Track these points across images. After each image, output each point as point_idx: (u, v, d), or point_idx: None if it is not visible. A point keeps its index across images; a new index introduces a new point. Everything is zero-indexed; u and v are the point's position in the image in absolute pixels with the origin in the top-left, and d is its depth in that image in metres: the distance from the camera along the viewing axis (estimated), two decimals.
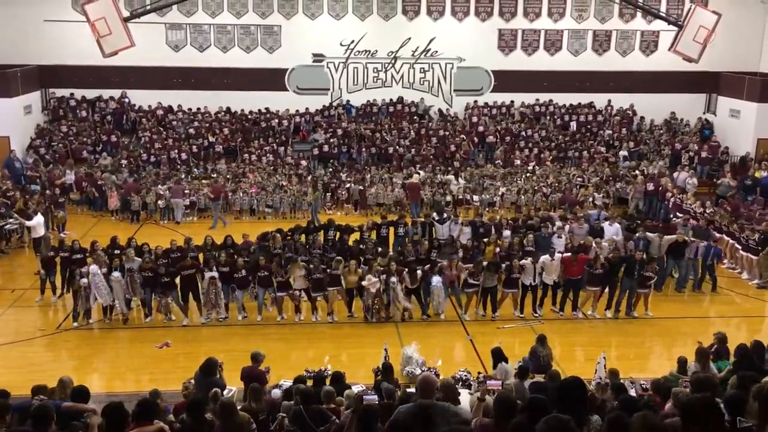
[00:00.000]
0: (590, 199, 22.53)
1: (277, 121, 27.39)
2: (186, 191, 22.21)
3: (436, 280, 14.85)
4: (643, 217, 20.61)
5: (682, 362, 9.93)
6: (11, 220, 18.71)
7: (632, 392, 9.22)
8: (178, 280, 14.75)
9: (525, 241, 16.31)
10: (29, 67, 25.77)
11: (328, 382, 9.87)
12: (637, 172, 23.90)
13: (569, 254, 15.40)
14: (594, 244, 16.21)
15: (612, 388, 8.85)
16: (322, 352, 13.26)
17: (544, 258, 15.19)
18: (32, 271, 16.75)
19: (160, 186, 22.32)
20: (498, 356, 11.33)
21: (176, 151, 25.31)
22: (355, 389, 9.69)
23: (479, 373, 11.65)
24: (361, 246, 16.49)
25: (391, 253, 15.92)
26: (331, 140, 26.35)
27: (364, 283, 14.66)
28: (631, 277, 15.20)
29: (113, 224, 21.48)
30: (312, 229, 17.53)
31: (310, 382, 9.98)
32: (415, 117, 28.03)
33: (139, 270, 14.51)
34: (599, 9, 28.38)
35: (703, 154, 25.66)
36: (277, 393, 9.85)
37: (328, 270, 14.81)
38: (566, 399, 5.48)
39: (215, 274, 14.64)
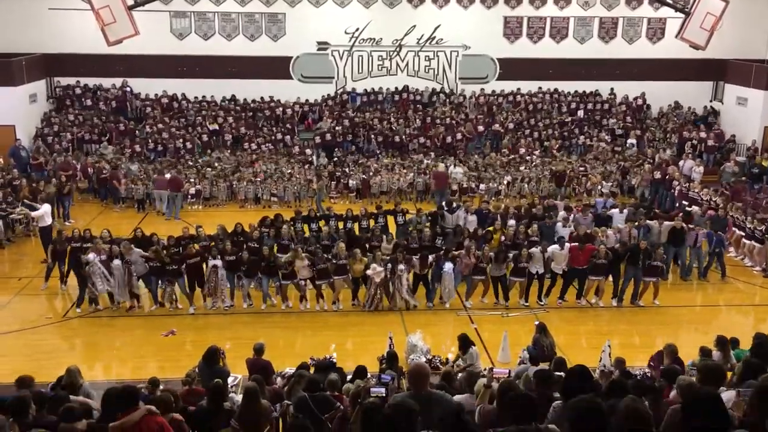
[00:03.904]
0: (598, 188, 22.48)
1: (281, 109, 27.34)
2: (189, 182, 22.27)
3: (448, 266, 14.83)
4: (647, 205, 20.52)
5: (705, 352, 9.87)
6: (17, 210, 18.70)
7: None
8: (184, 268, 14.76)
9: (530, 230, 16.30)
10: (34, 56, 25.76)
11: (313, 370, 9.95)
12: (644, 159, 23.85)
13: (576, 244, 15.37)
14: (600, 234, 16.18)
15: (621, 376, 8.86)
16: (326, 340, 13.30)
17: (554, 247, 15.18)
18: (38, 259, 16.83)
19: (166, 175, 22.26)
20: (465, 342, 11.31)
21: (181, 140, 25.30)
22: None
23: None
24: (367, 234, 16.54)
25: (396, 240, 15.94)
26: (336, 128, 26.30)
27: (368, 272, 14.66)
28: (635, 265, 15.16)
29: (119, 213, 21.55)
30: (317, 217, 17.56)
31: (312, 370, 10.03)
32: (419, 105, 27.93)
33: (145, 260, 14.57)
34: None
35: (710, 143, 25.55)
36: (278, 381, 9.89)
37: (333, 260, 14.82)
38: (572, 387, 5.49)
39: (218, 262, 14.68)
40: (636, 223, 16.78)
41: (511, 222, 17.07)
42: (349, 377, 9.59)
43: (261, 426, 7.30)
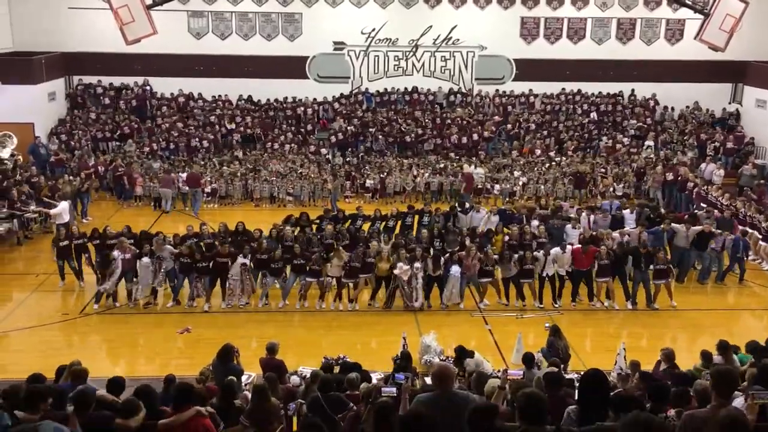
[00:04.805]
0: (611, 189, 22.35)
1: (302, 109, 27.38)
2: (203, 180, 22.37)
3: (455, 269, 14.82)
4: (653, 206, 20.30)
5: (706, 356, 9.80)
6: (32, 208, 18.86)
7: None
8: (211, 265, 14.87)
9: (538, 231, 16.23)
10: (53, 54, 26.01)
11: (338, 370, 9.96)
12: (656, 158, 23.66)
13: (579, 246, 15.30)
14: (605, 236, 16.09)
15: (641, 378, 8.83)
16: (341, 340, 13.32)
17: (556, 250, 15.12)
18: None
19: (181, 174, 22.39)
20: (462, 353, 11.17)
21: (197, 138, 25.43)
22: (374, 377, 9.72)
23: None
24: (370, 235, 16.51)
25: (395, 241, 15.91)
26: (349, 128, 26.30)
27: (395, 271, 14.66)
28: (640, 268, 15.09)
29: (134, 210, 21.71)
30: (341, 218, 17.55)
31: (337, 369, 10.05)
32: (435, 106, 27.89)
33: (176, 257, 14.67)
34: None
35: (729, 145, 25.30)
36: (295, 380, 9.91)
37: (365, 258, 14.85)
38: (587, 391, 5.45)
39: (247, 260, 14.76)
40: (662, 227, 16.66)
41: (535, 223, 17.02)
42: (377, 376, 9.62)
43: (271, 424, 7.33)
